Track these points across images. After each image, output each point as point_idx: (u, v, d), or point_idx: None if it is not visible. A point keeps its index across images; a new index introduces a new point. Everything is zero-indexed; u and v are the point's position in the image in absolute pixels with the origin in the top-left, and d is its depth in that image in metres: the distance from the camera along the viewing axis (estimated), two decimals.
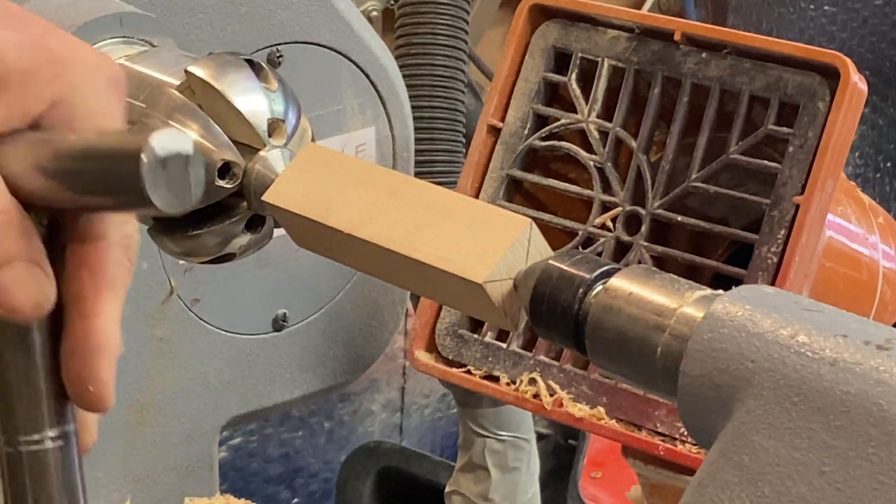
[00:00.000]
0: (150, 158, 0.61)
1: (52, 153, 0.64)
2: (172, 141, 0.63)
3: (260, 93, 0.82)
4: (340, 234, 0.71)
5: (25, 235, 0.63)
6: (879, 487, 0.53)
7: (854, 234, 1.11)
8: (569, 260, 0.65)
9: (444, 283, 0.68)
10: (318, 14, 1.11)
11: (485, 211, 0.69)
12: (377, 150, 1.18)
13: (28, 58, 0.64)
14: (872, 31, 2.93)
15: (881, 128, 3.07)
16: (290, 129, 0.83)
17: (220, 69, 0.81)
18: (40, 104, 0.65)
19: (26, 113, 0.65)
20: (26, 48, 0.64)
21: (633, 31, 1.06)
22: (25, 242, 0.63)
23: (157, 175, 0.62)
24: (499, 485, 1.63)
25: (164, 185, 0.62)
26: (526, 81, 1.09)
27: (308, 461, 2.38)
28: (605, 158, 1.06)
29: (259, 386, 1.17)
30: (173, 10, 1.01)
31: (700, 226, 1.03)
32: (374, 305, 1.23)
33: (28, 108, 0.64)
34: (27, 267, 0.63)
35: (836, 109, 0.98)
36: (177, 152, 0.63)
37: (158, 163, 0.62)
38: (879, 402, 0.54)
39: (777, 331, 0.57)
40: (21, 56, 0.64)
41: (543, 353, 1.06)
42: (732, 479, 0.56)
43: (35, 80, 0.64)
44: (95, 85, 0.66)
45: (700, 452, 1.00)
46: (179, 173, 0.63)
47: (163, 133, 0.62)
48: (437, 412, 2.58)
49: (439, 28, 1.50)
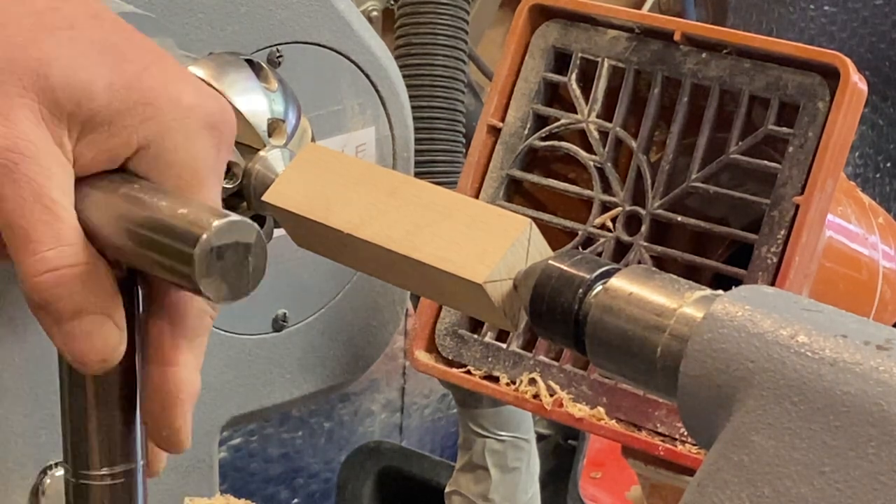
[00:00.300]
0: (203, 250, 0.59)
1: (126, 210, 0.62)
2: (233, 231, 0.60)
3: (260, 93, 0.82)
4: (340, 234, 0.71)
5: (98, 287, 0.61)
6: (879, 487, 0.53)
7: (854, 234, 1.11)
8: (569, 260, 0.65)
9: (444, 283, 0.68)
10: (318, 14, 1.11)
11: (485, 211, 0.69)
12: (377, 150, 1.18)
13: (119, 98, 0.62)
14: (872, 31, 2.93)
15: (881, 128, 3.07)
16: (290, 129, 0.83)
17: (220, 69, 0.81)
18: (127, 149, 0.62)
19: (113, 156, 0.63)
20: (118, 87, 0.62)
21: (633, 31, 1.06)
22: (97, 295, 0.61)
23: (212, 266, 0.60)
24: (499, 485, 1.63)
25: (218, 275, 0.60)
26: (526, 81, 1.09)
27: (308, 461, 2.38)
28: (605, 158, 1.06)
29: (259, 386, 1.16)
30: (173, 10, 1.01)
31: (700, 226, 1.03)
32: (374, 305, 1.22)
33: (115, 152, 0.62)
34: (97, 320, 0.62)
35: (836, 109, 0.98)
36: (235, 242, 0.60)
37: (213, 254, 0.60)
38: (879, 402, 0.54)
39: (777, 331, 0.57)
40: (112, 96, 0.62)
41: (543, 353, 1.06)
42: (732, 480, 0.56)
43: (124, 123, 0.62)
44: (187, 129, 0.63)
45: (700, 452, 1.00)
46: (237, 263, 0.61)
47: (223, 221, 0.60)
48: (437, 412, 2.58)
49: (439, 28, 1.50)
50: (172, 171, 0.63)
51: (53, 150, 0.61)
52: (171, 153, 0.63)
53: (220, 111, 0.65)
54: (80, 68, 0.61)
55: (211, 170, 0.64)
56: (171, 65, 0.65)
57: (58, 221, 0.60)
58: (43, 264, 0.60)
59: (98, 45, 0.62)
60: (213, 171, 0.64)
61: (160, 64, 0.64)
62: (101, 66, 0.62)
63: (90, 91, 0.61)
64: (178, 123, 0.63)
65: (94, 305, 0.61)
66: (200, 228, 0.59)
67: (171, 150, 0.63)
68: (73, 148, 0.62)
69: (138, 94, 0.62)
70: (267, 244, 0.86)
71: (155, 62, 0.64)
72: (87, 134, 0.62)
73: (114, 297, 0.62)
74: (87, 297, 0.61)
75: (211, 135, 0.64)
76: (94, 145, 0.62)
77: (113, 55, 0.62)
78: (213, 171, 0.64)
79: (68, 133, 0.61)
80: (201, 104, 0.64)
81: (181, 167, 0.63)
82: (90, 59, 0.61)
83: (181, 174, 0.63)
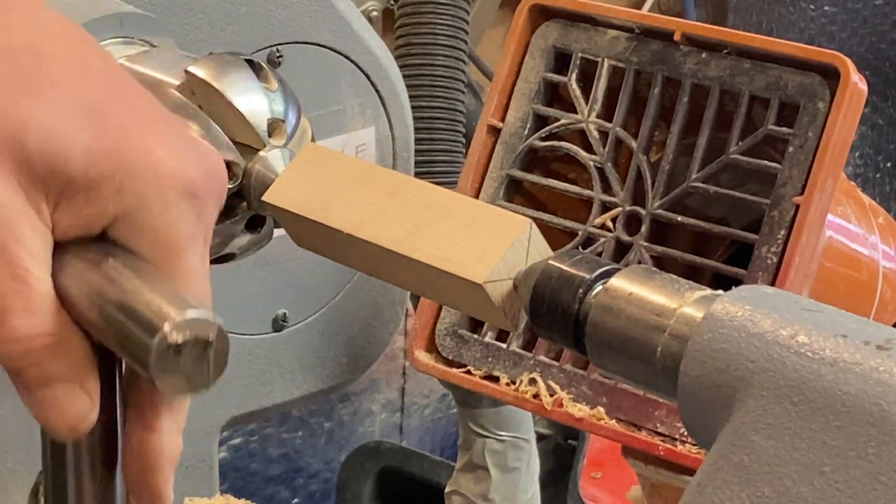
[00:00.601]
0: (160, 345, 0.58)
1: (99, 285, 0.61)
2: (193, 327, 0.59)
3: (260, 93, 0.82)
4: (340, 234, 0.71)
5: (69, 356, 0.61)
6: (879, 487, 0.53)
7: (854, 234, 1.11)
8: (569, 260, 0.65)
9: (444, 283, 0.68)
10: (318, 14, 1.11)
11: (485, 211, 0.69)
12: (377, 150, 1.18)
13: (96, 166, 0.60)
14: (872, 31, 2.93)
15: (881, 128, 3.07)
16: (290, 129, 0.83)
17: (220, 69, 0.81)
18: (104, 218, 0.61)
19: (90, 224, 0.61)
20: (96, 155, 0.60)
21: (633, 31, 1.06)
22: (67, 364, 0.61)
23: (169, 361, 0.59)
24: (499, 485, 1.63)
25: (174, 371, 0.59)
26: (526, 81, 1.09)
27: (308, 461, 2.38)
28: (605, 158, 1.06)
29: (259, 386, 1.17)
30: (173, 10, 1.01)
31: (700, 226, 1.03)
32: (374, 305, 1.23)
33: (91, 220, 0.61)
34: (66, 389, 0.61)
35: (836, 109, 0.98)
36: (195, 338, 0.59)
37: (171, 350, 0.58)
38: (879, 402, 0.54)
39: (777, 331, 0.57)
40: (90, 164, 0.60)
41: (543, 353, 1.06)
42: (732, 480, 0.56)
43: (100, 193, 0.61)
44: (164, 199, 0.61)
45: (700, 452, 1.00)
46: (196, 359, 0.59)
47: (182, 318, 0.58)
48: (437, 412, 2.58)
49: (439, 28, 1.50)
50: (149, 240, 0.62)
51: (29, 215, 0.60)
52: (148, 223, 0.62)
53: (202, 176, 0.63)
54: (58, 134, 0.60)
55: (190, 238, 0.63)
56: (157, 123, 0.63)
57: (28, 290, 0.59)
58: (11, 333, 0.59)
59: (80, 106, 0.61)
60: (192, 239, 0.63)
61: (144, 125, 0.62)
62: (80, 131, 0.60)
63: (67, 158, 0.60)
64: (156, 192, 0.61)
65: (64, 375, 0.61)
66: (160, 321, 0.58)
67: (147, 219, 0.62)
68: (52, 213, 0.61)
69: (117, 161, 0.61)
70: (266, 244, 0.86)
71: (139, 123, 0.62)
72: (64, 200, 0.61)
73: (85, 366, 0.62)
74: (57, 366, 0.60)
75: (191, 203, 0.62)
76: (71, 212, 0.61)
77: (95, 117, 0.61)
78: (193, 239, 0.63)
79: (46, 199, 0.60)
80: (181, 171, 0.62)
81: (158, 237, 0.62)
82: (70, 122, 0.60)
83: (158, 244, 0.62)
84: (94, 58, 0.64)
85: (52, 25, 0.63)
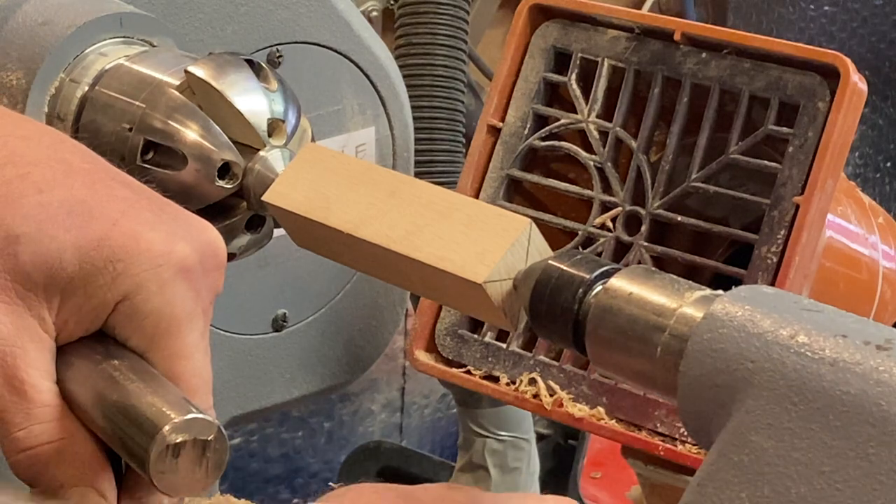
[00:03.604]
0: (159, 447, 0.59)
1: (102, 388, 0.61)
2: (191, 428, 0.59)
3: (260, 93, 0.82)
4: (340, 234, 0.71)
5: (77, 460, 0.61)
6: (879, 487, 0.53)
7: (854, 234, 1.11)
8: (568, 260, 0.65)
9: (444, 283, 0.68)
10: (318, 14, 1.11)
11: (485, 211, 0.69)
12: (377, 150, 1.18)
13: (88, 261, 0.61)
14: (872, 31, 2.93)
15: (881, 128, 3.07)
16: (290, 129, 0.83)
17: (220, 69, 0.81)
18: (106, 308, 0.62)
19: (95, 318, 0.62)
20: (87, 250, 0.61)
21: (633, 31, 1.06)
22: (76, 468, 0.61)
23: (167, 463, 0.59)
24: (499, 485, 1.63)
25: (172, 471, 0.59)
26: (526, 81, 1.09)
27: (308, 461, 2.38)
28: (605, 158, 1.06)
29: (258, 386, 1.17)
30: (173, 10, 1.01)
31: (700, 226, 1.03)
32: (374, 305, 1.23)
33: (95, 314, 0.62)
34: (80, 492, 0.61)
35: (836, 109, 0.98)
36: (193, 439, 0.59)
37: (169, 451, 0.59)
38: (879, 402, 0.54)
39: (777, 331, 0.57)
40: (82, 260, 0.61)
41: (543, 353, 1.06)
42: (732, 480, 0.56)
43: (97, 284, 0.62)
44: (159, 279, 0.62)
45: (700, 452, 1.00)
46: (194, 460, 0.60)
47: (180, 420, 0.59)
48: (437, 412, 2.58)
49: (439, 28, 1.50)
50: (148, 321, 0.63)
51: (29, 326, 0.61)
52: (146, 304, 0.63)
53: (195, 252, 0.64)
54: (48, 238, 0.61)
55: (188, 315, 0.64)
56: (143, 209, 0.64)
57: (27, 402, 0.60)
58: (15, 445, 0.61)
59: (66, 207, 0.62)
60: (190, 315, 0.64)
61: (131, 212, 0.63)
62: (68, 232, 0.61)
63: (60, 260, 0.61)
64: (150, 274, 0.62)
65: (74, 478, 0.61)
66: (159, 424, 0.59)
67: (145, 301, 0.63)
68: (56, 318, 0.62)
69: (108, 251, 0.62)
70: (266, 244, 0.86)
71: (125, 211, 0.63)
72: (66, 301, 0.62)
73: (94, 467, 0.62)
74: (65, 472, 0.61)
75: (186, 279, 0.63)
76: (75, 311, 0.62)
77: (80, 214, 0.62)
78: (191, 315, 0.64)
79: (47, 305, 0.61)
80: (173, 250, 0.63)
81: (156, 317, 0.63)
82: (58, 224, 0.61)
83: (157, 323, 0.63)
84: (74, 157, 0.65)
85: (31, 133, 0.64)
